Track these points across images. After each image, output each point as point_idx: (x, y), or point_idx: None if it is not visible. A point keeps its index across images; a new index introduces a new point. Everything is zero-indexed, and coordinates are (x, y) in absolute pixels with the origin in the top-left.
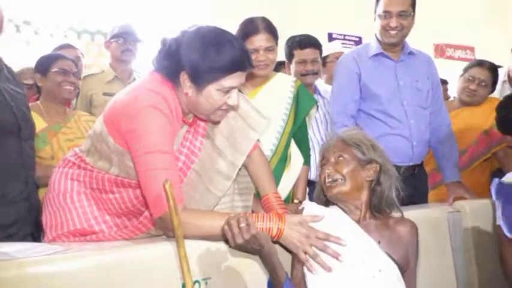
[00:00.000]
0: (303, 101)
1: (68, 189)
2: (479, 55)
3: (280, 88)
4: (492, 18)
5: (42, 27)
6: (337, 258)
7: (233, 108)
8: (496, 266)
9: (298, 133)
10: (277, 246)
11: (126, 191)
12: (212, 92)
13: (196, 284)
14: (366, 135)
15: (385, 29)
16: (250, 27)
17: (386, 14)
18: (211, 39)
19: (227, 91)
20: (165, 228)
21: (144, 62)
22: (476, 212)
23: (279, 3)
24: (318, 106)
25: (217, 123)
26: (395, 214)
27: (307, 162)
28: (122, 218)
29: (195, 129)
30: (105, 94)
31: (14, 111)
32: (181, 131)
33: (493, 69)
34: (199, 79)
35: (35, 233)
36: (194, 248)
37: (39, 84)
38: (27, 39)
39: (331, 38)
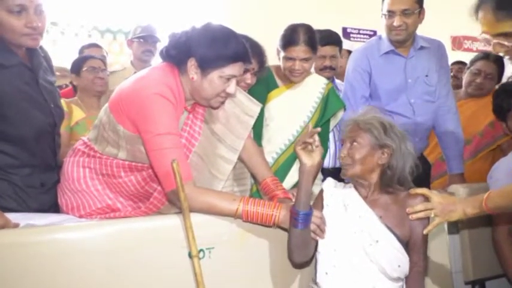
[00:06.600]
0: (331, 103)
1: (81, 176)
2: None
3: (312, 87)
4: None
5: (67, 27)
6: (315, 238)
7: (230, 95)
8: (489, 247)
9: (320, 132)
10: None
11: (134, 175)
12: (215, 78)
13: (201, 253)
14: (381, 119)
15: (389, 28)
16: (292, 37)
17: (390, 13)
18: (220, 33)
19: (227, 79)
20: (176, 200)
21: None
22: (471, 195)
23: None
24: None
25: (215, 108)
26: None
27: (322, 157)
28: (134, 200)
29: (193, 115)
30: None
31: (52, 111)
32: (181, 118)
33: (499, 61)
34: (206, 64)
35: None
36: (199, 220)
37: (74, 83)
38: (54, 39)
39: (345, 32)
